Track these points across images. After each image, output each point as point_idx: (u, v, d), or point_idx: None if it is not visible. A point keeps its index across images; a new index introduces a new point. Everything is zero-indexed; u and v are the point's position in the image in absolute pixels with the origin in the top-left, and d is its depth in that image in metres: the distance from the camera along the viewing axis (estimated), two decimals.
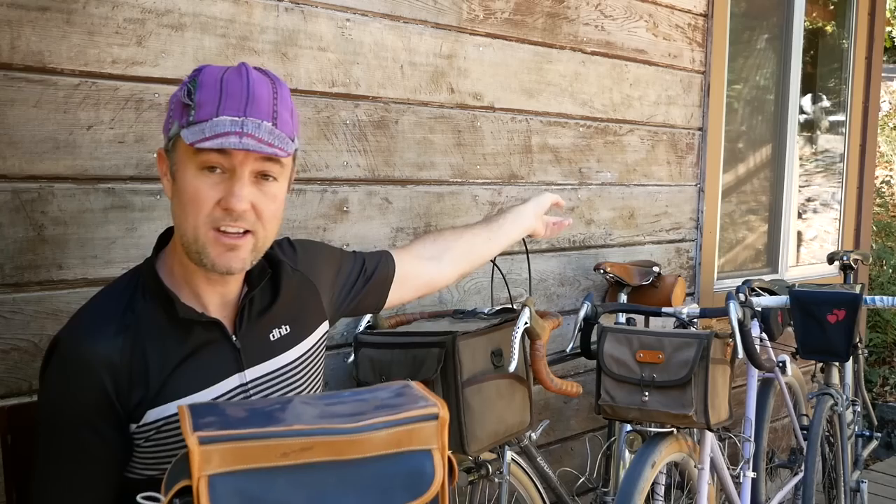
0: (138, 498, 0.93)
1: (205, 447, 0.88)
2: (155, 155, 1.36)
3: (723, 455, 2.31)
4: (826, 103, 4.06)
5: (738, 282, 3.23)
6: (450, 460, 1.00)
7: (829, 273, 3.87)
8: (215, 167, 1.10)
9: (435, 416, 0.99)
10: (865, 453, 3.42)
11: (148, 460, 1.17)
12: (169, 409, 1.15)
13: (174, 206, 1.16)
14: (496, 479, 1.87)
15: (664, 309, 2.20)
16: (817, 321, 2.20)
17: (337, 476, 0.92)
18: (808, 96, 3.95)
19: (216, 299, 1.22)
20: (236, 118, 1.08)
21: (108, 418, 1.13)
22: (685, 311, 2.18)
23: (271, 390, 1.26)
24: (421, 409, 0.98)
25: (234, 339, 1.22)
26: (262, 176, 1.13)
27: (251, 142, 1.07)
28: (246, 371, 1.23)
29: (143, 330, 1.16)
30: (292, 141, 1.14)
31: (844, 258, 3.27)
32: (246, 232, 1.14)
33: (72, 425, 1.12)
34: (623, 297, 2.57)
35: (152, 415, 1.15)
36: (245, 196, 1.11)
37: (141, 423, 1.15)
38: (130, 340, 1.14)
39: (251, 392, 1.24)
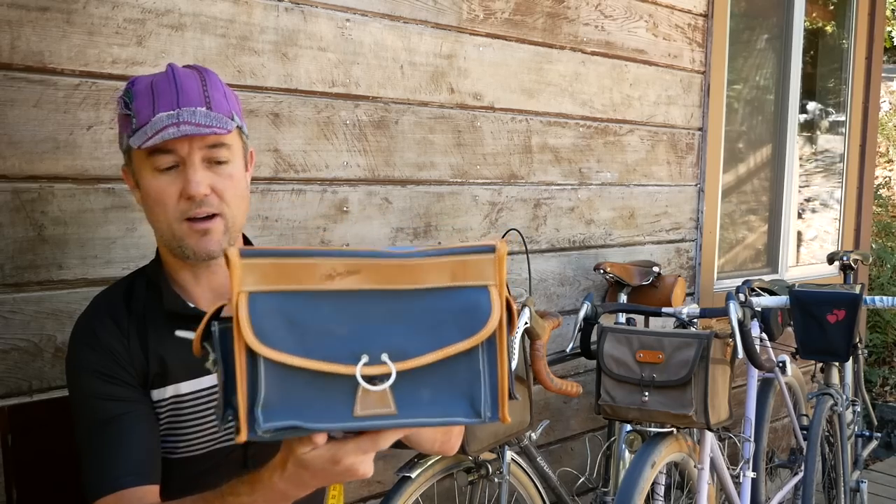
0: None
1: (245, 260, 0.80)
2: None
3: (723, 455, 2.31)
4: (826, 103, 4.06)
5: (738, 282, 3.23)
6: (509, 304, 0.90)
7: (829, 273, 3.87)
8: (170, 167, 1.16)
9: (492, 249, 0.88)
10: (865, 453, 3.42)
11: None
12: (164, 392, 1.23)
13: (146, 211, 1.22)
14: (496, 479, 1.87)
15: (664, 309, 2.20)
16: (817, 321, 2.20)
17: (386, 307, 0.84)
18: (809, 96, 3.95)
19: (207, 294, 1.27)
20: (171, 111, 1.13)
21: (122, 384, 1.20)
22: (685, 311, 2.18)
23: None
24: (477, 243, 0.90)
25: None
26: (215, 162, 1.18)
27: (189, 128, 1.12)
28: None
29: (146, 316, 1.24)
30: (232, 119, 1.19)
31: (844, 258, 3.27)
32: (214, 216, 1.18)
33: (92, 393, 1.19)
34: (623, 297, 2.57)
35: (153, 394, 1.23)
36: (201, 180, 1.15)
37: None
38: (134, 322, 1.23)
39: None
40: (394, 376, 0.83)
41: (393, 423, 0.85)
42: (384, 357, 0.83)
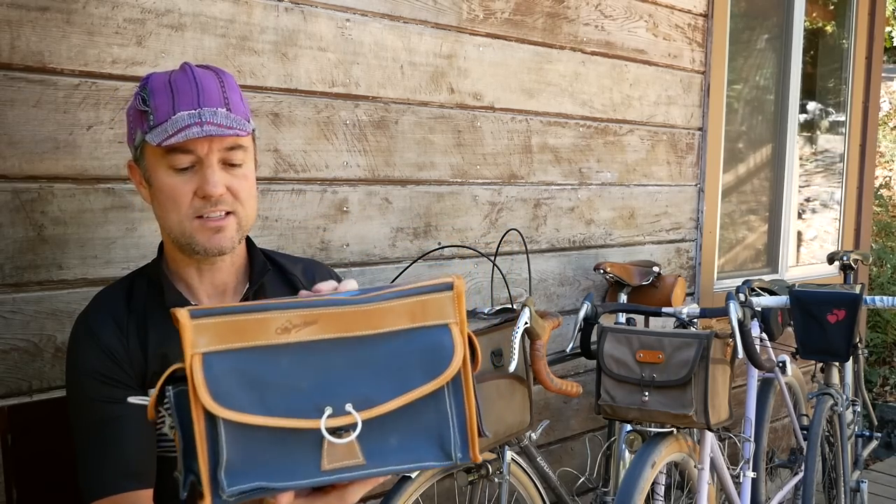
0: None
1: (197, 321, 0.78)
2: None
3: (723, 455, 2.31)
4: (826, 103, 4.06)
5: (738, 282, 3.23)
6: (471, 340, 0.88)
7: (829, 273, 3.87)
8: (186, 168, 1.16)
9: (449, 287, 0.87)
10: (865, 453, 3.42)
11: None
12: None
13: (155, 208, 1.22)
14: (496, 479, 1.87)
15: (664, 309, 2.20)
16: (817, 321, 2.20)
17: (347, 357, 0.82)
18: (809, 96, 3.95)
19: (209, 290, 1.27)
20: (193, 111, 1.13)
21: (120, 385, 1.20)
22: (685, 311, 2.18)
23: None
24: (433, 281, 0.88)
25: None
26: (230, 163, 1.19)
27: (212, 128, 1.12)
28: None
29: (146, 314, 1.24)
30: (248, 121, 1.19)
31: (844, 258, 3.27)
32: (228, 213, 1.19)
33: (90, 395, 1.19)
34: (623, 297, 2.57)
35: (151, 393, 1.20)
36: (219, 181, 1.16)
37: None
38: (134, 321, 1.23)
39: None
40: (359, 427, 0.81)
41: (362, 474, 0.82)
42: (348, 407, 0.81)
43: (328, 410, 0.81)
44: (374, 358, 0.84)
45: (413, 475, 1.73)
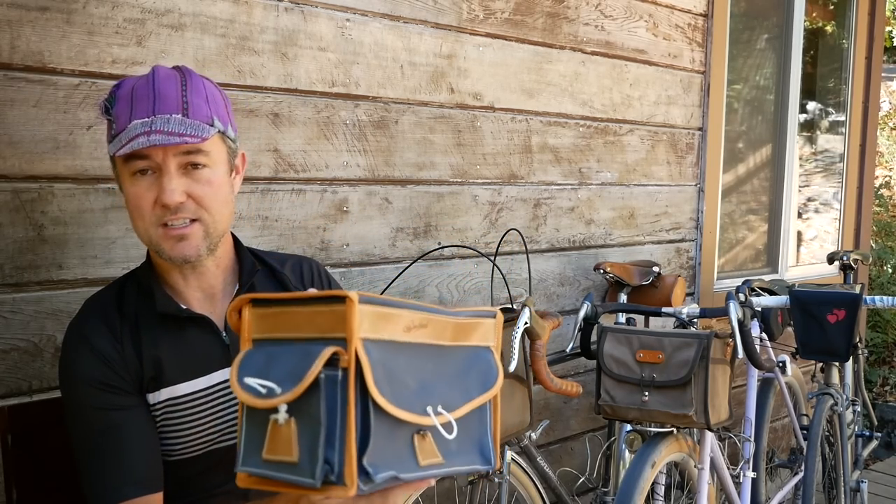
0: (246, 380, 0.84)
1: (363, 307, 0.79)
2: None
3: (723, 455, 2.31)
4: (826, 103, 4.06)
5: (738, 282, 3.23)
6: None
7: (829, 273, 3.87)
8: (145, 170, 1.15)
9: (493, 315, 1.00)
10: (865, 453, 3.42)
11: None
12: (158, 395, 1.22)
13: (129, 215, 1.21)
14: (496, 479, 1.87)
15: (664, 309, 2.20)
16: (817, 321, 2.19)
17: (433, 363, 0.90)
18: (809, 96, 3.95)
19: (197, 294, 1.26)
20: (146, 119, 1.12)
21: (118, 391, 1.19)
22: (685, 311, 2.18)
23: None
24: (482, 308, 1.01)
25: (224, 335, 1.26)
26: (192, 166, 1.16)
27: (159, 137, 1.10)
28: None
29: (138, 319, 1.23)
30: (211, 125, 1.16)
31: (844, 258, 3.27)
32: (193, 221, 1.17)
33: (88, 403, 1.18)
34: (623, 297, 2.57)
35: (149, 398, 1.22)
36: (175, 188, 1.14)
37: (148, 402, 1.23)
38: (128, 326, 1.22)
39: None
40: (455, 427, 0.90)
41: (443, 472, 0.89)
42: (440, 409, 0.88)
43: (430, 409, 0.86)
44: (450, 366, 0.93)
45: None
